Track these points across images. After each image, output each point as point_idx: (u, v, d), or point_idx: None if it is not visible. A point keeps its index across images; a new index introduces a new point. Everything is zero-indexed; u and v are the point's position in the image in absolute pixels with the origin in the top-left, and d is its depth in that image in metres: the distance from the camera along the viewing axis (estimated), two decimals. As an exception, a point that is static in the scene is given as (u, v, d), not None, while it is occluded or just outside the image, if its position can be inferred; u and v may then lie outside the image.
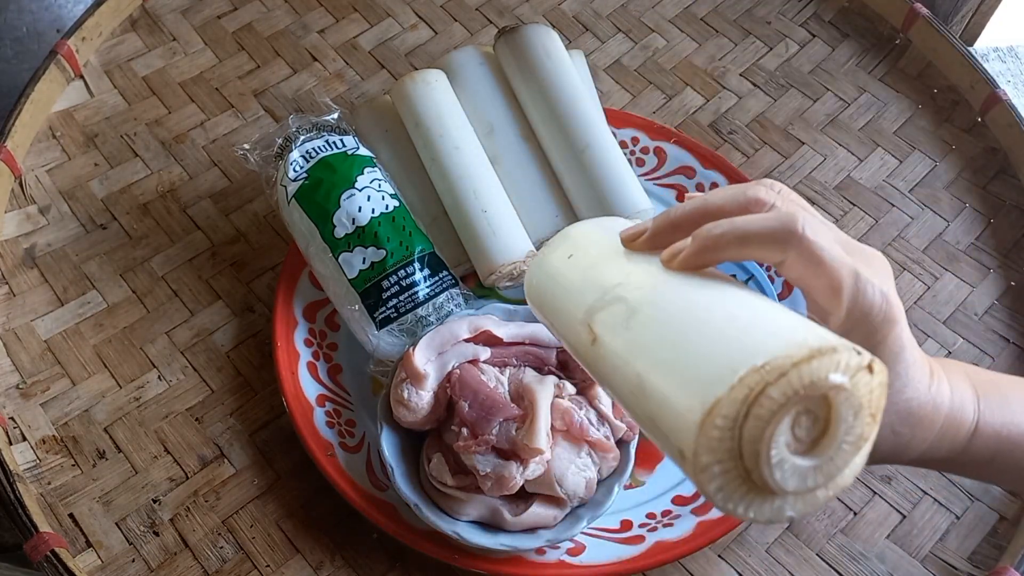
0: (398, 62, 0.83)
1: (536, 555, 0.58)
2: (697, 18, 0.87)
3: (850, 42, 0.86)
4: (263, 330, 0.68)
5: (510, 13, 0.87)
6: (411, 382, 0.58)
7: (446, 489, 0.57)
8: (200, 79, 0.81)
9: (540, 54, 0.67)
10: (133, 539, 0.60)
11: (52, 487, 0.61)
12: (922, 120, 0.81)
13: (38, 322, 0.68)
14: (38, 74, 0.76)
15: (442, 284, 0.63)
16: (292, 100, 0.80)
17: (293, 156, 0.65)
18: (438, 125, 0.66)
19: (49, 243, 0.72)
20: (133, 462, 0.63)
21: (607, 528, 0.60)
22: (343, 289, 0.63)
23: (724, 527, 0.59)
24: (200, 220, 0.73)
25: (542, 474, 0.56)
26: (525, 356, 0.61)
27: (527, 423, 0.56)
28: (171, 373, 0.66)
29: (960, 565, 0.61)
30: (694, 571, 0.60)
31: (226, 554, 0.60)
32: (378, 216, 0.63)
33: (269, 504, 0.62)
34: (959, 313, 0.71)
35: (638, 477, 0.63)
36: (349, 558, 0.60)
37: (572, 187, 0.66)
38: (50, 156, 0.76)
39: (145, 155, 0.77)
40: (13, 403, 0.64)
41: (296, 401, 0.62)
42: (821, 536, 0.62)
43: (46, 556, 0.55)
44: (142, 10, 0.85)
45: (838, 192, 0.77)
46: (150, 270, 0.71)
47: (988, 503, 0.63)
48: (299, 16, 0.86)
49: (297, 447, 0.63)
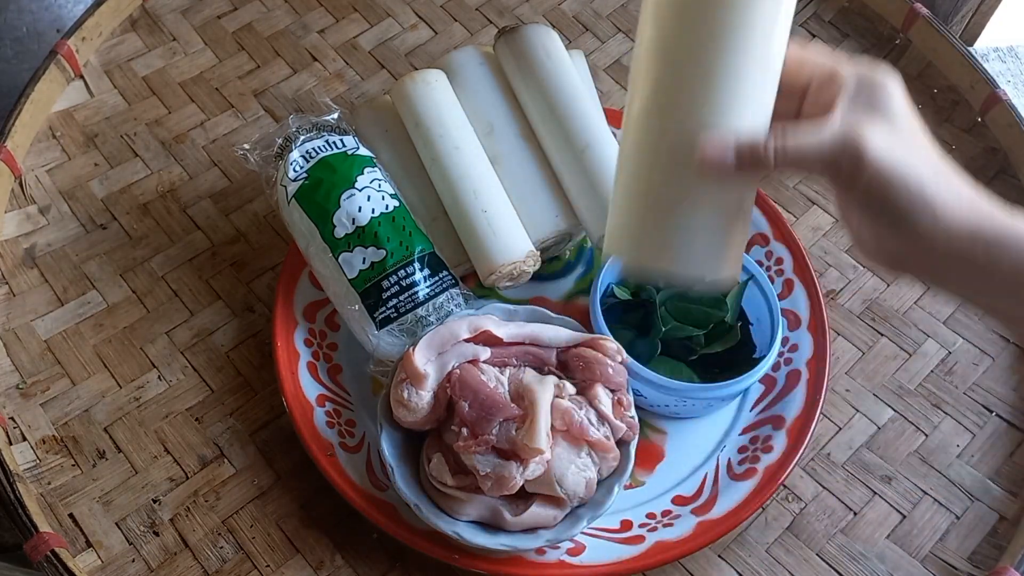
0: (398, 62, 0.83)
1: (536, 555, 0.58)
2: (697, 18, 0.87)
3: (850, 42, 0.86)
4: (263, 330, 0.68)
5: (510, 13, 0.87)
6: (411, 382, 0.58)
7: (446, 489, 0.57)
8: (200, 79, 0.81)
9: (540, 54, 0.67)
10: (133, 539, 0.60)
11: (52, 487, 0.61)
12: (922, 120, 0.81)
13: (38, 322, 0.68)
14: (38, 74, 0.76)
15: (442, 284, 0.63)
16: (292, 100, 0.80)
17: (293, 156, 0.65)
18: (438, 125, 0.66)
19: (49, 243, 0.72)
20: (133, 462, 0.63)
21: (607, 528, 0.60)
22: (343, 289, 0.63)
23: (724, 527, 0.59)
24: (200, 220, 0.73)
25: (542, 474, 0.56)
26: (525, 356, 0.61)
27: (527, 423, 0.56)
28: (171, 373, 0.66)
29: (960, 565, 0.61)
30: (694, 571, 0.60)
31: (226, 554, 0.60)
32: (378, 216, 0.63)
33: (269, 504, 0.62)
34: (959, 313, 0.71)
35: (638, 477, 0.63)
36: (349, 558, 0.60)
37: (572, 187, 0.66)
38: (50, 156, 0.76)
39: (145, 155, 0.77)
40: (13, 403, 0.64)
41: (296, 401, 0.62)
42: (821, 536, 0.62)
43: (46, 556, 0.55)
44: (142, 10, 0.85)
45: (838, 192, 0.77)
46: (150, 270, 0.71)
47: (988, 503, 0.63)
48: (299, 16, 0.86)
49: (297, 447, 0.63)
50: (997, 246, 0.39)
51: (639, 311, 0.65)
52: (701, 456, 0.64)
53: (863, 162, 0.40)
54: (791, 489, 0.64)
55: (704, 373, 0.63)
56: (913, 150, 0.41)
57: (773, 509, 0.63)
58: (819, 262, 0.73)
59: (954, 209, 0.40)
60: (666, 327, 0.62)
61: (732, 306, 0.63)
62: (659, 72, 0.44)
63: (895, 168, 0.40)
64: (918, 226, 0.40)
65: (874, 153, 0.40)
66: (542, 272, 0.68)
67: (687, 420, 0.65)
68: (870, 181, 0.40)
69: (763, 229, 0.71)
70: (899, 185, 0.40)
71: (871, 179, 0.40)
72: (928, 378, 0.68)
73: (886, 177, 0.40)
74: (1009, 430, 0.66)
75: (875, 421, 0.66)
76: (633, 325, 0.64)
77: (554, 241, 0.67)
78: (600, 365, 0.59)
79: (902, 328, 0.71)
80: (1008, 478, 0.64)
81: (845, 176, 0.41)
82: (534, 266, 0.66)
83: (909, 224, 0.40)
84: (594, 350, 0.60)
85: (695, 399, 0.62)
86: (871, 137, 0.40)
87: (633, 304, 0.65)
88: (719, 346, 0.63)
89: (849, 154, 0.40)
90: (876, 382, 0.68)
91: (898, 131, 0.41)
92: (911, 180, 0.40)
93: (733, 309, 0.63)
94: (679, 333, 0.63)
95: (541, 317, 0.63)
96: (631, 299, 0.65)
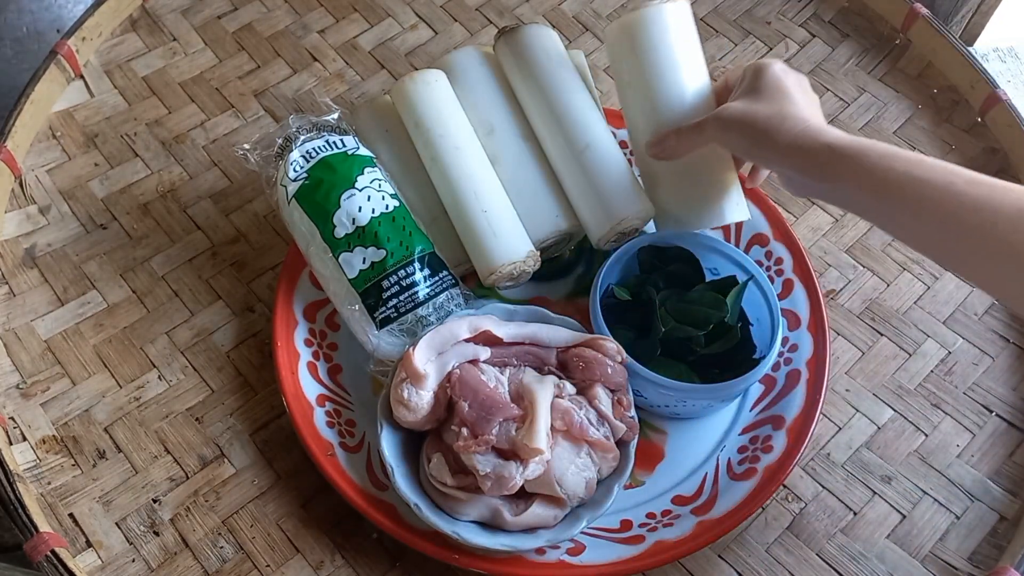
0: (398, 62, 0.83)
1: (536, 555, 0.58)
2: (697, 18, 0.87)
3: (850, 42, 0.86)
4: (263, 330, 0.68)
5: (510, 13, 0.87)
6: (411, 382, 0.58)
7: (446, 489, 0.57)
8: (200, 79, 0.81)
9: (540, 54, 0.67)
10: (133, 539, 0.60)
11: (52, 487, 0.61)
12: (922, 120, 0.81)
13: (38, 322, 0.68)
14: (38, 74, 0.76)
15: (442, 284, 0.63)
16: (292, 100, 0.80)
17: (293, 156, 0.65)
18: (439, 125, 0.66)
19: (49, 243, 0.72)
20: (133, 462, 0.63)
21: (607, 528, 0.60)
22: (343, 289, 0.63)
23: (724, 527, 0.59)
24: (200, 220, 0.73)
25: (542, 474, 0.56)
26: (525, 356, 0.61)
27: (527, 423, 0.56)
28: (171, 373, 0.66)
29: (960, 565, 0.61)
30: (694, 571, 0.60)
31: (226, 554, 0.60)
32: (378, 216, 0.63)
33: (269, 504, 0.62)
34: (959, 313, 0.71)
35: (638, 477, 0.63)
36: (349, 558, 0.60)
37: (572, 187, 0.66)
38: (50, 156, 0.76)
39: (145, 155, 0.77)
40: (13, 403, 0.64)
41: (296, 401, 0.62)
42: (821, 536, 0.62)
43: (46, 556, 0.55)
44: (142, 10, 0.85)
45: (838, 192, 0.77)
46: (150, 270, 0.71)
47: (988, 503, 0.63)
48: (299, 16, 0.86)
49: (297, 447, 0.63)
50: (830, 159, 0.53)
51: (639, 311, 0.65)
52: (701, 456, 0.64)
53: (709, 122, 0.59)
54: (791, 489, 0.64)
55: (704, 373, 0.63)
56: (761, 105, 0.56)
57: (773, 509, 0.63)
58: (819, 262, 0.74)
59: (787, 134, 0.55)
60: (666, 327, 0.62)
61: (732, 306, 0.63)
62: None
63: (734, 119, 0.57)
64: (764, 150, 0.56)
65: (720, 114, 0.58)
66: (542, 272, 0.68)
67: (687, 420, 0.65)
68: (715, 131, 0.59)
69: (763, 229, 0.71)
70: (740, 127, 0.57)
71: (715, 130, 0.58)
72: (928, 378, 0.68)
73: (725, 124, 0.58)
74: (1009, 430, 0.66)
75: (875, 421, 0.66)
76: (633, 325, 0.64)
77: (554, 241, 0.68)
78: (600, 365, 0.59)
79: (902, 328, 0.71)
80: (1008, 478, 0.64)
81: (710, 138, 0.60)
82: (534, 266, 0.66)
83: (760, 151, 0.57)
84: (594, 350, 0.60)
85: (695, 399, 0.62)
86: (725, 108, 0.58)
87: (633, 304, 0.65)
88: (719, 347, 0.63)
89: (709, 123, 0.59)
90: (876, 382, 0.68)
91: (757, 96, 0.57)
92: (748, 122, 0.56)
93: (733, 309, 0.63)
94: (679, 333, 0.62)
95: (541, 317, 0.63)
96: (631, 299, 0.65)
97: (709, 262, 0.67)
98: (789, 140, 0.55)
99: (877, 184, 0.51)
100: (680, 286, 0.65)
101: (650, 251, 0.67)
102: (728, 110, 0.58)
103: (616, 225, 0.64)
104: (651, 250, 0.67)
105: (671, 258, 0.66)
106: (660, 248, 0.66)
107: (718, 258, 0.66)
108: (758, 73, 0.58)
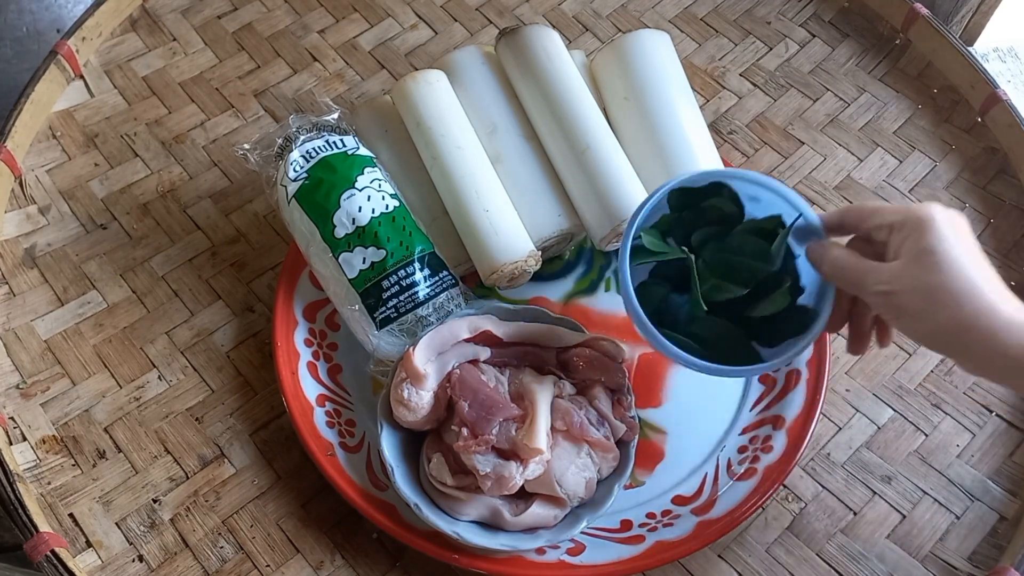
0: (398, 62, 0.83)
1: (536, 555, 0.58)
2: (697, 18, 0.87)
3: (850, 42, 0.86)
4: (263, 330, 0.68)
5: (510, 13, 0.87)
6: (411, 382, 0.58)
7: (446, 489, 0.57)
8: (200, 79, 0.81)
9: (541, 55, 0.68)
10: (133, 539, 0.60)
11: (52, 487, 0.61)
12: (922, 120, 0.81)
13: (38, 322, 0.68)
14: (38, 74, 0.76)
15: (442, 284, 0.63)
16: (292, 100, 0.80)
17: (293, 156, 0.65)
18: (440, 125, 0.66)
19: (49, 243, 0.72)
20: (133, 462, 0.63)
21: (607, 528, 0.60)
22: (343, 289, 0.63)
23: (724, 527, 0.59)
24: (200, 220, 0.73)
25: (542, 474, 0.56)
26: (525, 356, 0.61)
27: (527, 423, 0.56)
28: (171, 373, 0.66)
29: (960, 565, 0.61)
30: (694, 571, 0.60)
31: (226, 554, 0.60)
32: (378, 216, 0.63)
33: (269, 504, 0.62)
34: (959, 313, 0.71)
35: (638, 477, 0.63)
36: (349, 558, 0.60)
37: (574, 187, 0.66)
38: (50, 156, 0.76)
39: (145, 155, 0.77)
40: (13, 403, 0.64)
41: (296, 401, 0.62)
42: (821, 536, 0.62)
43: (46, 556, 0.55)
44: (142, 10, 0.85)
45: (838, 192, 0.77)
46: (150, 270, 0.71)
47: (988, 503, 0.63)
48: (299, 16, 0.86)
49: (297, 447, 0.63)
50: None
51: (673, 263, 0.57)
52: (701, 456, 0.64)
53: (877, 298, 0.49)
54: (791, 489, 0.64)
55: (749, 327, 0.55)
56: (940, 297, 0.47)
57: (773, 509, 0.63)
58: (819, 262, 0.73)
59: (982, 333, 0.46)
60: (704, 286, 0.54)
61: (777, 253, 0.54)
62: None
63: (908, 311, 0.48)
64: (957, 356, 0.48)
65: (892, 299, 0.48)
66: (542, 272, 0.68)
67: (687, 420, 0.65)
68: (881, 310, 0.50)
69: (763, 229, 0.71)
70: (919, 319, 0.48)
71: (882, 309, 0.50)
72: (928, 378, 0.68)
73: (897, 313, 0.48)
74: (1009, 430, 0.66)
75: (875, 421, 0.66)
76: (667, 278, 0.57)
77: (555, 241, 0.68)
78: (600, 365, 0.59)
79: (902, 328, 0.71)
80: (1008, 478, 0.64)
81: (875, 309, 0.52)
82: (535, 266, 0.66)
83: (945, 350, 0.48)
84: (594, 350, 0.60)
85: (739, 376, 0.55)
86: (897, 296, 0.48)
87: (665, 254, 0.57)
88: (768, 307, 0.54)
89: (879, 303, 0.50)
90: (876, 382, 0.68)
91: (928, 270, 0.47)
92: (929, 318, 0.47)
93: (779, 256, 0.54)
94: (719, 294, 0.54)
95: (541, 317, 0.63)
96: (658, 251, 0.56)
97: (748, 190, 0.57)
98: (987, 343, 0.46)
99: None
100: (718, 223, 0.57)
101: (681, 194, 0.57)
102: (900, 299, 0.48)
103: (618, 225, 0.64)
104: (683, 193, 0.57)
105: (706, 194, 0.57)
106: (692, 190, 0.57)
107: (757, 188, 0.56)
108: (920, 236, 0.47)
